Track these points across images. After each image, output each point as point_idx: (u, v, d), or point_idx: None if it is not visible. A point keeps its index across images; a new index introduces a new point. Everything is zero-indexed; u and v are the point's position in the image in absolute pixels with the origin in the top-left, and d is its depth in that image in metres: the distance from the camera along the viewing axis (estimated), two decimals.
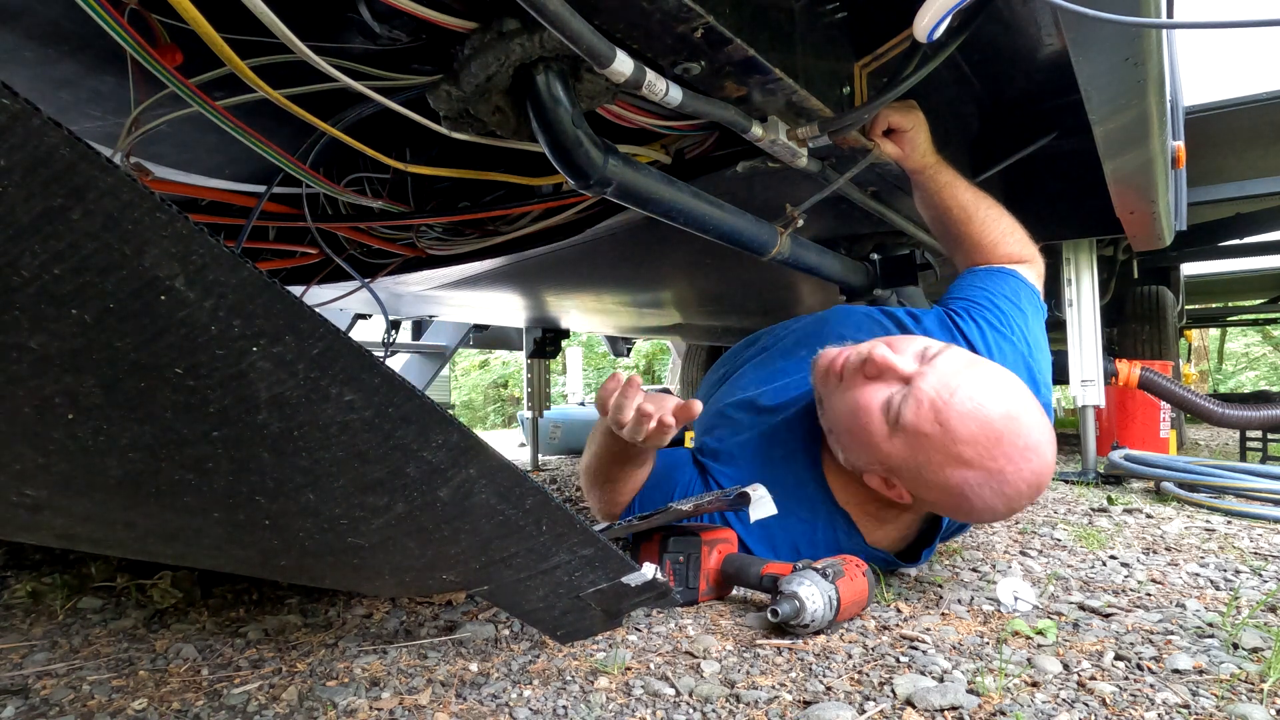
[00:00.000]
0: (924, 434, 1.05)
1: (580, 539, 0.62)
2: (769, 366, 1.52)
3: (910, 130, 1.31)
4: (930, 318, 1.39)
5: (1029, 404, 1.06)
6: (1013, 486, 1.04)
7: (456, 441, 0.46)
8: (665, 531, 1.22)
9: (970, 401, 1.03)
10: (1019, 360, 1.30)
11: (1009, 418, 1.03)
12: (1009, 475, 1.03)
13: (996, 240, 1.46)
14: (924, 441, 1.05)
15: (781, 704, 0.80)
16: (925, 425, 1.04)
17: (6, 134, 0.29)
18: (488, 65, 0.88)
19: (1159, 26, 1.03)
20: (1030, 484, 1.05)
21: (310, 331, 0.38)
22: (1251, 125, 2.61)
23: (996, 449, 1.02)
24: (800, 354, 1.46)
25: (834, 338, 1.39)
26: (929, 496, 1.11)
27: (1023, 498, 1.07)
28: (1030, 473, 1.04)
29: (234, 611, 1.17)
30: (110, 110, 1.10)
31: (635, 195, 1.05)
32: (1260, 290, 6.32)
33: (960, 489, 1.05)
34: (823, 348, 1.35)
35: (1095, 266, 2.46)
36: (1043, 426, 1.06)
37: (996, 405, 1.03)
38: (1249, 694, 0.81)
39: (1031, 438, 1.03)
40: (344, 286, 1.91)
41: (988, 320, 1.34)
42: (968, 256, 1.50)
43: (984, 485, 1.04)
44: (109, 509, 0.47)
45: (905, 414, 1.06)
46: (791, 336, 1.57)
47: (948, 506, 1.12)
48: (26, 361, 0.35)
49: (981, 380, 1.06)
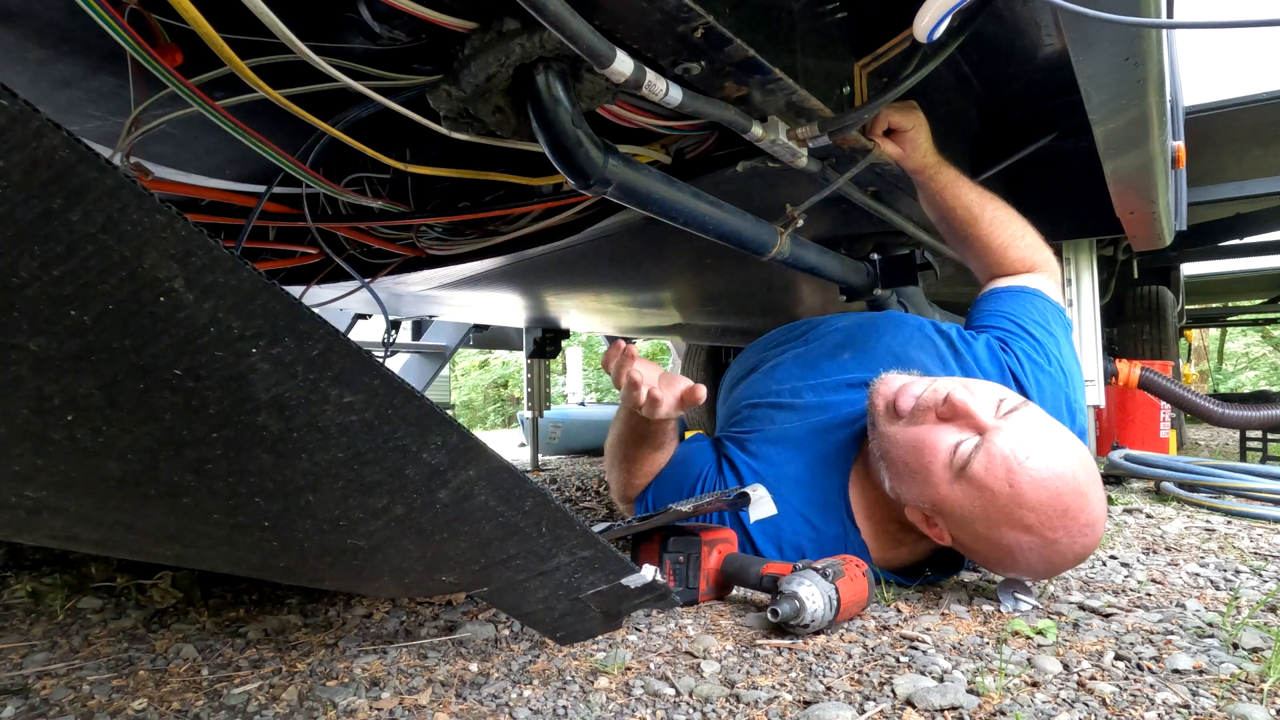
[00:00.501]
0: (990, 490, 1.04)
1: (580, 540, 0.62)
2: (809, 364, 1.48)
3: (910, 130, 1.31)
4: (980, 344, 1.35)
5: (1094, 479, 1.06)
6: (1061, 556, 1.06)
7: (456, 443, 0.46)
8: (665, 531, 1.22)
9: (1045, 471, 1.02)
10: (1058, 394, 1.28)
11: (1078, 493, 1.03)
12: (1062, 546, 1.04)
13: (1006, 243, 1.44)
14: (989, 497, 1.04)
15: (781, 704, 0.80)
16: (994, 482, 1.04)
17: (6, 135, 0.29)
18: (488, 65, 0.88)
19: (1159, 26, 1.03)
20: (1078, 555, 1.06)
21: (309, 333, 0.38)
22: (1251, 125, 2.61)
23: (1059, 520, 1.02)
24: (843, 356, 1.44)
25: (884, 350, 1.37)
26: (974, 546, 1.11)
27: (1065, 566, 1.09)
28: (1082, 546, 1.05)
29: (234, 611, 1.17)
30: (110, 110, 1.10)
31: (635, 195, 1.05)
32: (1260, 290, 6.32)
33: (1011, 549, 1.06)
34: (870, 355, 1.33)
35: (1095, 266, 2.46)
36: (1101, 503, 1.06)
37: (1068, 479, 1.02)
38: (1249, 694, 0.81)
39: (1093, 515, 1.04)
40: (344, 286, 1.91)
41: (1025, 352, 1.32)
42: (979, 261, 1.48)
43: (1035, 550, 1.05)
44: (108, 510, 0.47)
45: (975, 465, 1.05)
46: (836, 335, 1.54)
47: (989, 559, 1.12)
48: (26, 363, 0.35)
49: (1056, 448, 1.05)
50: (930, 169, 1.38)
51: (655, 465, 1.45)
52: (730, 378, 1.72)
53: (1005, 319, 1.38)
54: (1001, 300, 1.42)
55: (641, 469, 1.45)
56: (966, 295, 2.53)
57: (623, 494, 1.49)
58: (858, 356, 1.41)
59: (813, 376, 1.44)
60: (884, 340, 1.42)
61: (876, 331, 1.48)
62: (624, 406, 1.37)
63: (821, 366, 1.45)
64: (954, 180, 1.41)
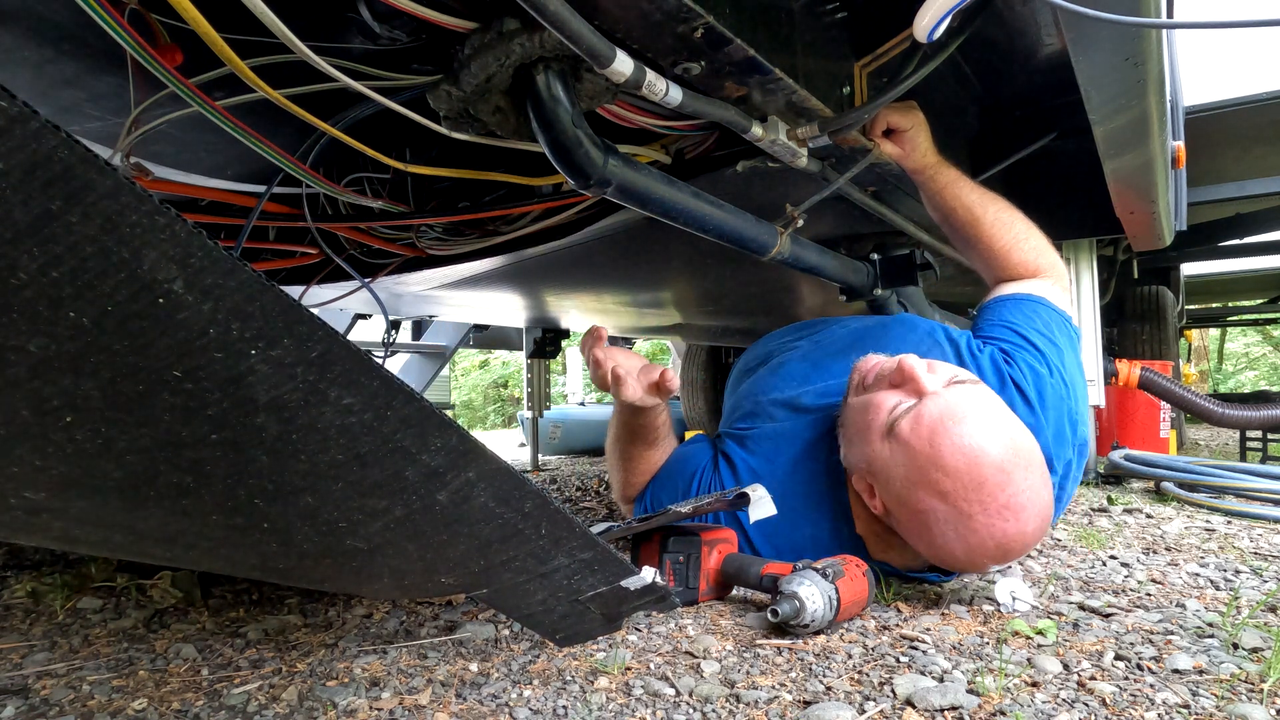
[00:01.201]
0: (912, 447, 1.05)
1: (579, 542, 0.62)
2: (816, 362, 1.48)
3: (909, 130, 1.30)
4: (985, 357, 1.34)
5: (1027, 465, 1.03)
6: (977, 537, 1.03)
7: (455, 445, 0.46)
8: (665, 532, 1.22)
9: (969, 438, 1.02)
10: (1060, 407, 1.26)
11: (999, 469, 1.01)
12: (978, 524, 1.02)
13: (1009, 245, 1.42)
14: (909, 454, 1.05)
15: (781, 704, 0.80)
16: (916, 440, 1.05)
17: (5, 136, 0.29)
18: (488, 65, 0.88)
19: (1159, 26, 1.02)
20: (998, 543, 1.03)
21: (309, 334, 0.38)
22: (1251, 125, 2.61)
23: (974, 493, 1.01)
24: (851, 356, 1.42)
25: (893, 353, 1.38)
26: (897, 514, 1.12)
27: (985, 554, 1.04)
28: (1000, 532, 1.02)
29: (234, 611, 1.17)
30: (110, 110, 1.10)
31: (635, 195, 1.05)
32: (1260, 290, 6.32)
33: (926, 516, 1.06)
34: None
35: (1095, 266, 2.46)
36: (1034, 494, 1.03)
37: (994, 453, 1.01)
38: (1249, 694, 0.81)
39: (1013, 497, 1.01)
40: (344, 286, 1.91)
41: (1028, 364, 1.30)
42: (983, 263, 1.47)
43: (949, 523, 1.04)
44: (107, 511, 0.47)
45: (903, 423, 1.06)
46: (846, 336, 1.53)
47: (910, 530, 1.11)
48: (25, 364, 0.35)
49: (990, 422, 1.04)
50: (930, 169, 1.37)
51: (651, 463, 1.46)
52: (736, 372, 1.72)
53: (1008, 329, 1.36)
54: (1005, 309, 1.40)
55: (638, 467, 1.46)
56: (966, 295, 2.53)
57: (623, 493, 1.50)
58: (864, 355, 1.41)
59: (817, 376, 1.44)
60: (894, 343, 1.41)
61: (887, 334, 1.47)
62: (614, 402, 1.40)
63: (828, 366, 1.45)
64: (955, 180, 1.40)
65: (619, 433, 1.46)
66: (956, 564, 1.10)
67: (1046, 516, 1.06)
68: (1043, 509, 1.04)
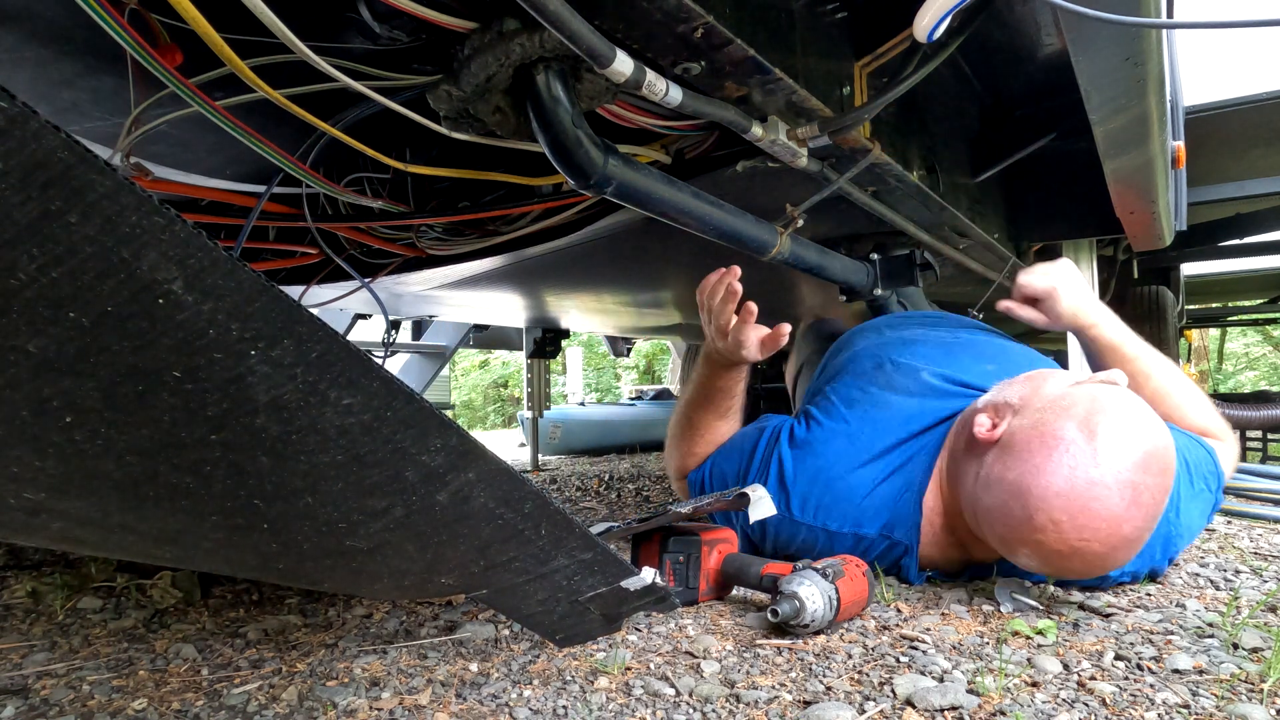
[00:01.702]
0: (1002, 485, 1.05)
1: (579, 543, 0.62)
2: (952, 355, 1.43)
3: (1047, 298, 1.29)
4: None
5: (1136, 491, 0.98)
6: (1070, 556, 1.01)
7: (455, 445, 0.46)
8: (665, 531, 1.22)
9: (1084, 475, 0.98)
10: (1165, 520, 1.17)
11: (1117, 499, 0.97)
12: (1074, 548, 1.00)
13: (1178, 414, 1.32)
14: (994, 492, 1.06)
15: (781, 704, 0.80)
16: (1005, 474, 1.05)
17: (4, 137, 0.29)
18: (488, 65, 0.88)
19: (1159, 26, 1.02)
20: (1084, 555, 1.00)
21: (308, 335, 0.38)
22: (1251, 125, 2.61)
23: (1076, 522, 0.98)
24: (987, 367, 1.38)
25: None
26: (984, 534, 1.12)
27: (1074, 563, 1.03)
28: (1093, 552, 0.99)
29: (234, 611, 1.17)
30: (110, 110, 1.10)
31: (635, 195, 1.05)
32: (1260, 290, 6.31)
33: (1019, 546, 1.05)
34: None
35: (1095, 266, 2.45)
36: (1132, 510, 0.98)
37: (1112, 488, 0.97)
38: (1249, 694, 0.81)
39: (1112, 526, 0.98)
40: (344, 286, 1.91)
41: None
42: None
43: (1048, 549, 1.02)
44: (107, 512, 0.47)
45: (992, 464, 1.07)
46: (988, 347, 1.47)
47: (1018, 560, 1.09)
48: (25, 365, 0.35)
49: (1115, 451, 0.99)
50: (1087, 331, 1.33)
51: (718, 435, 1.46)
52: (844, 343, 1.65)
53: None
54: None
55: (704, 437, 1.46)
56: (966, 295, 2.53)
57: (681, 465, 1.49)
58: (1001, 375, 1.34)
59: (949, 365, 1.39)
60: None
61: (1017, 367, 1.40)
62: (701, 359, 1.42)
63: (962, 362, 1.40)
64: (1115, 347, 1.33)
65: (694, 396, 1.45)
66: (1045, 569, 1.08)
67: (1126, 547, 1.02)
68: (1147, 508, 1.00)
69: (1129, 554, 1.02)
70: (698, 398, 1.45)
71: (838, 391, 1.38)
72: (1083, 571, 1.06)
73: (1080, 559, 1.01)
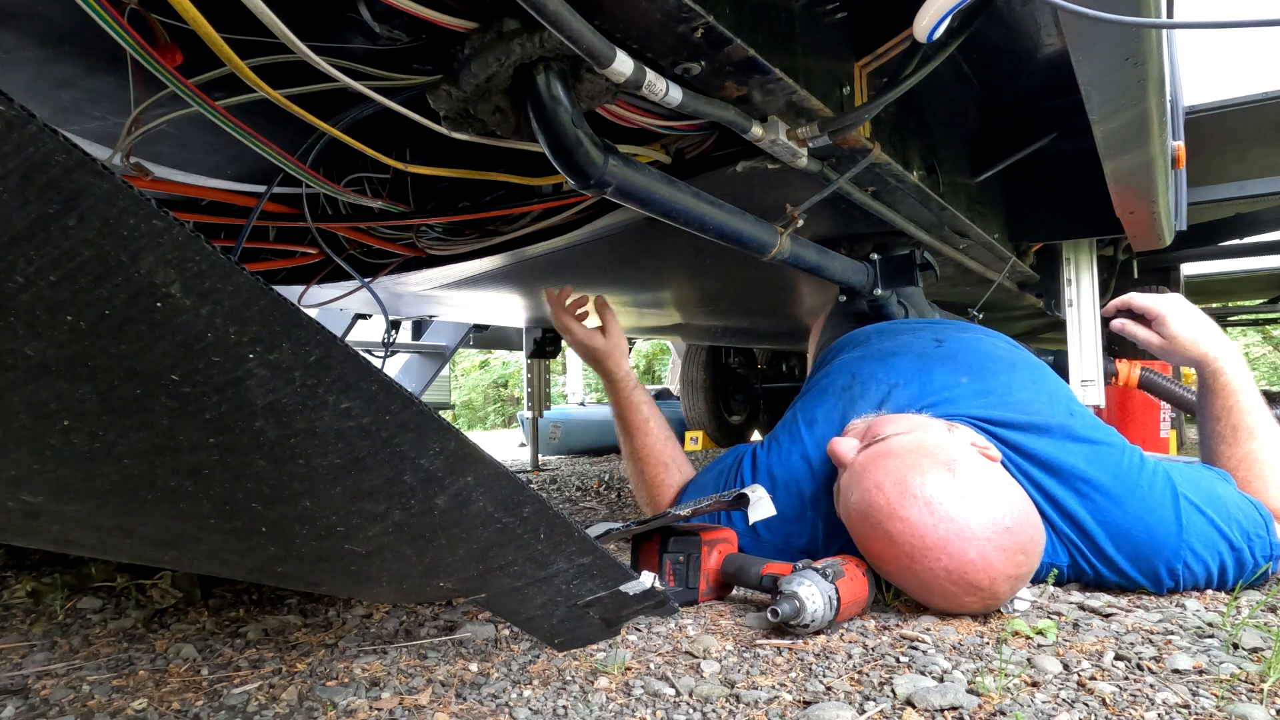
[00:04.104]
0: (847, 520, 1.13)
1: (578, 547, 0.62)
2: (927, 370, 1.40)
3: (1157, 320, 1.31)
4: None
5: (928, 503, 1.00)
6: (934, 585, 1.03)
7: (454, 449, 0.46)
8: (665, 532, 1.22)
9: (867, 505, 1.06)
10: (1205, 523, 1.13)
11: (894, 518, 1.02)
12: (920, 574, 1.03)
13: (1248, 479, 1.24)
14: (850, 527, 1.13)
15: (781, 704, 0.80)
16: (843, 512, 1.13)
17: (2, 140, 0.29)
18: (488, 65, 0.88)
19: (1159, 26, 1.02)
20: (952, 582, 1.01)
21: (307, 338, 0.38)
22: (1251, 125, 2.61)
23: (895, 549, 1.03)
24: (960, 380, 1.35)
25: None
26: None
27: (955, 595, 1.03)
28: (944, 570, 1.01)
29: (234, 611, 1.17)
30: (110, 110, 1.10)
31: (635, 195, 1.05)
32: (1260, 290, 6.30)
33: (890, 577, 1.10)
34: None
35: (1095, 266, 2.45)
36: (944, 523, 1.00)
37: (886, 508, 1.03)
38: (1249, 694, 0.81)
39: (929, 538, 1.00)
40: (344, 286, 1.91)
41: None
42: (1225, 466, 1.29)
43: (907, 582, 1.08)
44: (105, 515, 0.47)
45: (839, 501, 1.13)
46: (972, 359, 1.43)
47: (906, 593, 1.13)
48: (22, 368, 0.35)
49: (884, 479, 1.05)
50: (1205, 363, 1.30)
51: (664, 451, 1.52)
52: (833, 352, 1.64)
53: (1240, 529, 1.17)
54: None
55: (652, 459, 1.52)
56: (966, 295, 2.53)
57: (658, 502, 1.52)
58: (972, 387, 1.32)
59: (920, 380, 1.36)
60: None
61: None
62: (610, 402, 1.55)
63: (935, 376, 1.36)
64: (1234, 391, 1.28)
65: (620, 435, 1.54)
66: (950, 611, 1.08)
67: (1000, 524, 1.00)
68: (983, 521, 1.00)
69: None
70: (621, 433, 1.55)
71: (804, 411, 1.41)
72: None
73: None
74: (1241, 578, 1.14)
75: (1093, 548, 1.15)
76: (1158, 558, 1.13)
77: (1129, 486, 1.14)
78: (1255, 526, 1.14)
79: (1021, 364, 1.41)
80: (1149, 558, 1.14)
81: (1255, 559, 1.14)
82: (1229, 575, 1.14)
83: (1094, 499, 1.15)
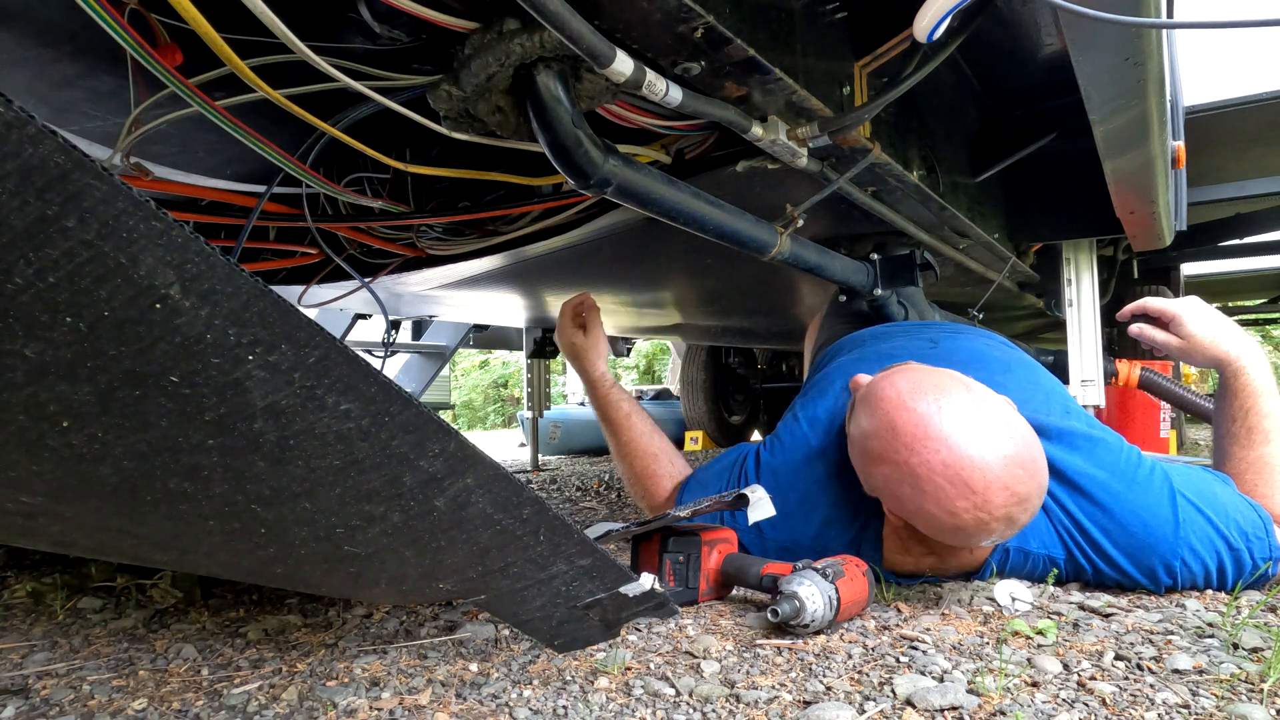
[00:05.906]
0: (851, 438, 1.12)
1: (578, 549, 0.62)
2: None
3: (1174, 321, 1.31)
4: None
5: (945, 395, 1.01)
6: (928, 481, 0.98)
7: (453, 450, 0.46)
8: (665, 532, 1.22)
9: (876, 399, 1.06)
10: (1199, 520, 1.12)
11: (901, 406, 1.02)
12: (916, 468, 0.99)
13: (1254, 484, 1.23)
14: (852, 447, 1.13)
15: (781, 704, 0.80)
16: (851, 429, 1.12)
17: (1, 141, 0.29)
18: (488, 65, 0.88)
19: (1159, 26, 1.02)
20: (947, 478, 0.97)
21: (306, 340, 0.38)
22: (1251, 125, 2.61)
23: (896, 440, 1.01)
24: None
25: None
26: (884, 502, 1.11)
27: (948, 496, 0.98)
28: (940, 464, 0.97)
29: (234, 611, 1.17)
30: (110, 110, 1.10)
31: (635, 195, 1.05)
32: (1260, 290, 6.31)
33: (885, 488, 1.07)
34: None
35: (1095, 266, 2.45)
36: (960, 417, 0.99)
37: (895, 399, 1.03)
38: (1249, 694, 0.81)
39: (931, 428, 0.99)
40: (344, 286, 1.91)
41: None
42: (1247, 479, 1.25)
43: (902, 482, 1.02)
44: (105, 516, 0.47)
45: (849, 425, 1.12)
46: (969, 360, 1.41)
47: (898, 513, 1.09)
48: (21, 369, 0.35)
49: (900, 378, 1.07)
50: (1225, 363, 1.28)
51: (650, 444, 1.53)
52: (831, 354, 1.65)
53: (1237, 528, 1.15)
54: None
55: (642, 454, 1.52)
56: (967, 295, 2.53)
57: (655, 496, 1.52)
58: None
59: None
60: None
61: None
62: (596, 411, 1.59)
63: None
64: (1256, 392, 1.25)
65: (608, 435, 1.58)
66: (942, 527, 1.02)
67: (1004, 436, 0.99)
68: (988, 429, 0.99)
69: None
70: (607, 432, 1.58)
71: (805, 410, 1.41)
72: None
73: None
74: (1241, 578, 1.14)
75: (1091, 545, 1.15)
76: (1155, 555, 1.13)
77: (1126, 484, 1.14)
78: (1255, 528, 1.14)
79: (1017, 364, 1.41)
80: (1146, 555, 1.14)
81: (1254, 560, 1.13)
82: (1228, 575, 1.14)
83: (1091, 497, 1.15)
